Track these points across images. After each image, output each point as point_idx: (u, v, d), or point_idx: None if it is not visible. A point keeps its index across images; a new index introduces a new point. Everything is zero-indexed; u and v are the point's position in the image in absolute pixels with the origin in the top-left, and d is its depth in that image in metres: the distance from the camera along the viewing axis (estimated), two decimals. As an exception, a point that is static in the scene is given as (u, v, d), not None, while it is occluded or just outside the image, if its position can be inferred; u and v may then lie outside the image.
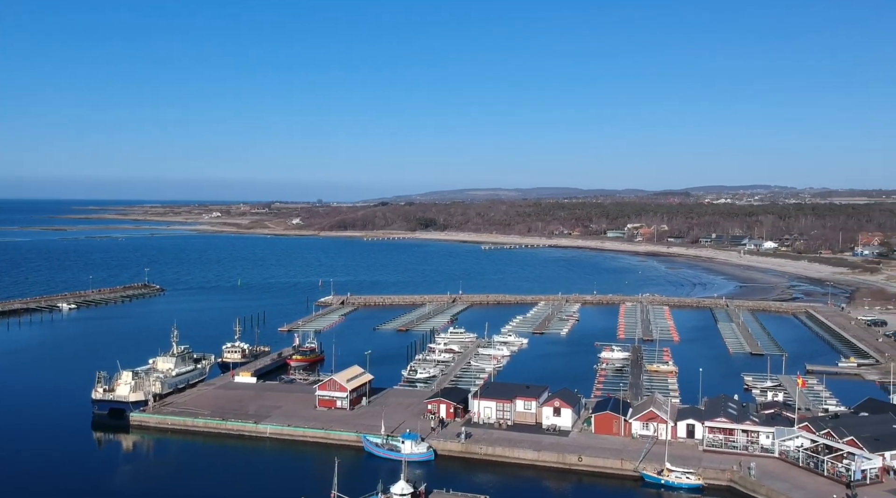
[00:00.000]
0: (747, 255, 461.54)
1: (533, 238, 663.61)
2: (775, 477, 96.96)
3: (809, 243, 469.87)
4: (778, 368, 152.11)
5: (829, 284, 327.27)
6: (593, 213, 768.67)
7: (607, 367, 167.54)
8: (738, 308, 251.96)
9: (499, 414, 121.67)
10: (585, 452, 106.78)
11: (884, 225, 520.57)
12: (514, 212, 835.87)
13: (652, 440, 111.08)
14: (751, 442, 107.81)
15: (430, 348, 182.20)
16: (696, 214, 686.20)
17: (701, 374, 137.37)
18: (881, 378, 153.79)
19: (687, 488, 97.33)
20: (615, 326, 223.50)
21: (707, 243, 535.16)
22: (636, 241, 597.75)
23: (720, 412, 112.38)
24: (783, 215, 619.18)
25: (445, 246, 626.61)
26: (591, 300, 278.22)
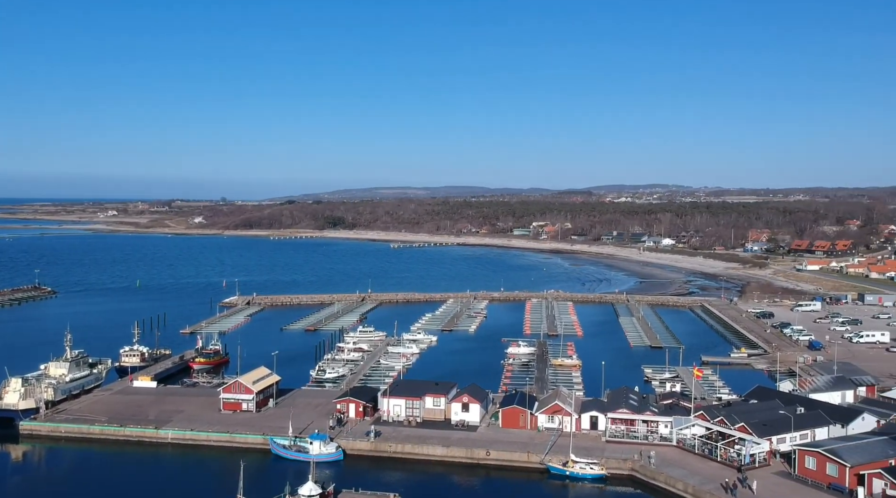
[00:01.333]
0: (647, 251, 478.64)
1: (442, 236, 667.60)
2: (673, 464, 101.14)
3: (704, 240, 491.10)
4: (676, 359, 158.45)
5: (723, 278, 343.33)
6: (500, 212, 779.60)
7: (514, 362, 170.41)
8: (638, 303, 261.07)
9: (408, 411, 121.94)
10: (493, 446, 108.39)
11: (771, 222, 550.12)
12: (423, 210, 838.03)
13: (557, 433, 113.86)
14: (650, 432, 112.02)
15: (339, 348, 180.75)
16: (598, 213, 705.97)
17: (603, 367, 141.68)
18: (769, 367, 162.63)
19: (590, 478, 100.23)
20: (521, 321, 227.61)
21: (609, 241, 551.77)
22: (541, 239, 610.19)
23: (622, 404, 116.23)
24: (680, 213, 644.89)
25: (354, 245, 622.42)
26: (498, 297, 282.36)
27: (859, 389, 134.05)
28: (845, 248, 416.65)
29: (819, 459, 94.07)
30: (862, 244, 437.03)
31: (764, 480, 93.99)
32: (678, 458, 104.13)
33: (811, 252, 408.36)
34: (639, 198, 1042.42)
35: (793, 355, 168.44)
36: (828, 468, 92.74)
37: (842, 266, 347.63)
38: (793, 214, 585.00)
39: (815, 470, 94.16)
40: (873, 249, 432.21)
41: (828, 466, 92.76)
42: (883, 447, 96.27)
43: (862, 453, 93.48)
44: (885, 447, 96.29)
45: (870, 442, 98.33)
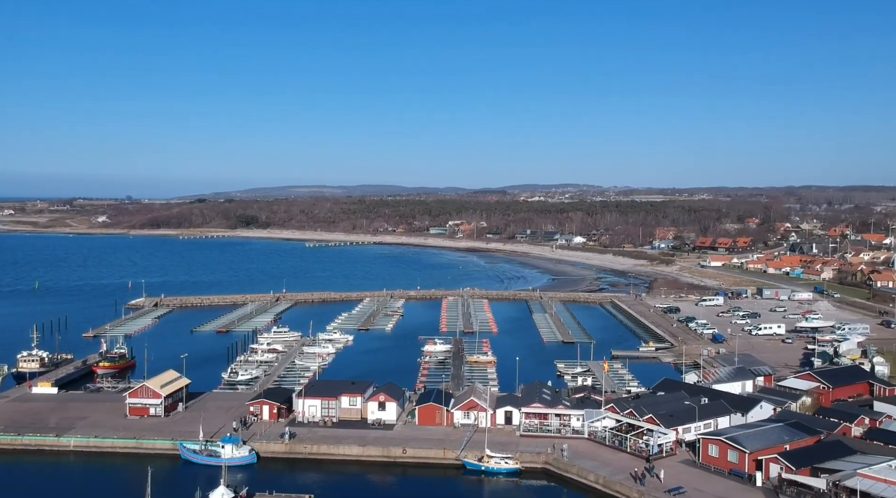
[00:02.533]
0: (559, 249, 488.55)
1: (358, 235, 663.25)
2: (585, 456, 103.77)
3: (614, 238, 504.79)
4: (587, 354, 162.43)
5: (631, 275, 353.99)
6: (417, 211, 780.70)
7: (430, 359, 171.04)
8: (551, 300, 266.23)
9: (324, 412, 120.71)
10: (410, 443, 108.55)
11: (677, 221, 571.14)
12: (339, 209, 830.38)
13: (473, 429, 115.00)
14: (563, 425, 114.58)
15: (253, 349, 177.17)
16: (512, 211, 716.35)
17: (518, 362, 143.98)
18: (675, 360, 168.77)
19: (505, 473, 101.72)
20: (438, 319, 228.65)
21: (523, 239, 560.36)
22: (457, 237, 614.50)
23: (535, 398, 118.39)
24: (591, 212, 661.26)
25: (268, 244, 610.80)
26: (415, 295, 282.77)
27: (758, 379, 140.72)
28: (745, 245, 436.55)
29: (721, 446, 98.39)
30: (760, 241, 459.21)
31: (670, 468, 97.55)
32: (590, 450, 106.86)
33: (714, 249, 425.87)
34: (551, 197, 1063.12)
35: (697, 348, 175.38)
36: (729, 455, 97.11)
37: (742, 262, 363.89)
38: (697, 213, 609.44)
39: (718, 457, 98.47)
40: (771, 245, 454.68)
41: (729, 453, 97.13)
42: (779, 433, 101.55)
43: (760, 440, 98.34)
44: (781, 433, 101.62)
45: (767, 429, 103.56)
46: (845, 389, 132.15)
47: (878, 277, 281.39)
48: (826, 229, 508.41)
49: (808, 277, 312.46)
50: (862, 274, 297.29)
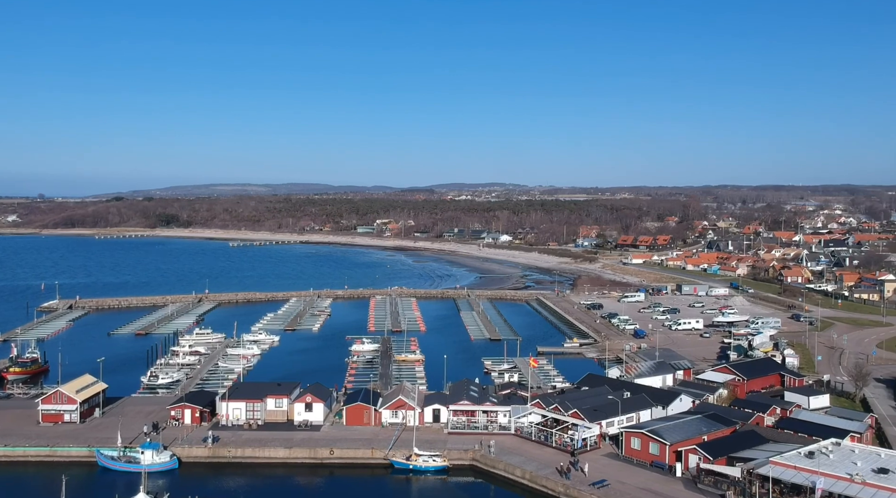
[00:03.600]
0: (486, 247, 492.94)
1: (284, 234, 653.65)
2: (511, 452, 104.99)
3: (539, 236, 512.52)
4: (514, 351, 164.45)
5: (556, 272, 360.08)
6: (344, 210, 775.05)
7: (358, 359, 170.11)
8: (478, 298, 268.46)
9: (249, 414, 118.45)
10: (337, 444, 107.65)
11: (600, 219, 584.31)
12: (264, 208, 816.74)
13: (401, 427, 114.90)
14: (490, 421, 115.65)
15: (174, 351, 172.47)
16: (439, 210, 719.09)
17: (446, 361, 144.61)
18: (598, 355, 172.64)
19: (433, 470, 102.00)
20: (366, 319, 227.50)
21: (450, 237, 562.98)
22: (385, 236, 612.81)
23: (463, 396, 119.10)
24: (517, 211, 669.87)
25: (190, 243, 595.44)
26: (342, 295, 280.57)
27: (677, 372, 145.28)
28: (665, 242, 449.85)
29: (643, 439, 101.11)
30: (679, 239, 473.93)
31: (595, 461, 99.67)
32: (516, 445, 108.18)
33: (635, 247, 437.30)
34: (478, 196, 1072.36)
35: (620, 343, 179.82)
36: (650, 447, 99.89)
37: (662, 259, 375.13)
38: (619, 212, 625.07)
39: (640, 450, 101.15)
40: (689, 243, 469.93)
41: (650, 446, 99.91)
42: (697, 425, 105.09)
43: (679, 432, 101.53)
44: (699, 425, 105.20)
45: (686, 421, 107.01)
46: (759, 380, 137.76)
47: (789, 272, 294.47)
48: (741, 227, 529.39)
49: (725, 273, 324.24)
50: (774, 270, 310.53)
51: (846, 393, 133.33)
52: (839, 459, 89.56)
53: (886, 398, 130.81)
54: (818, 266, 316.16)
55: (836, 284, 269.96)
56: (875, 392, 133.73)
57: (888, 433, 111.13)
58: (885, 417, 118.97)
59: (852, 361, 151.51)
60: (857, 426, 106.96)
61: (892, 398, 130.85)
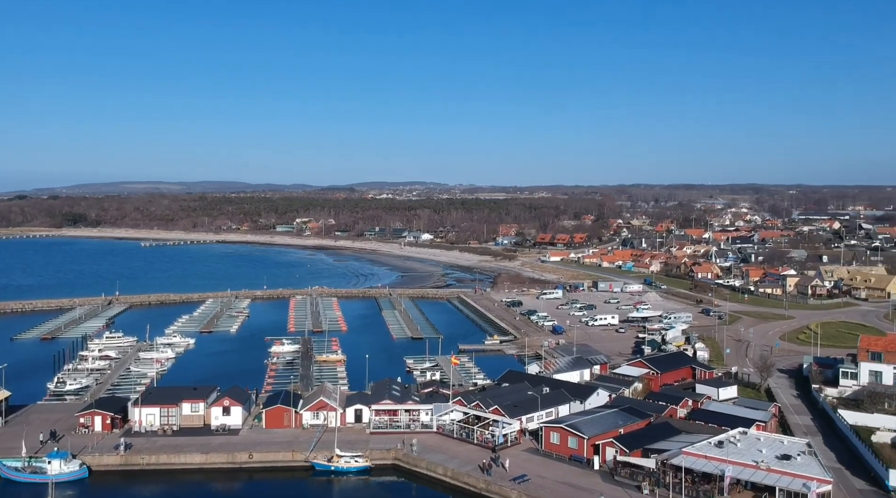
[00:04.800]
0: (407, 246, 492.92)
1: (199, 234, 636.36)
2: (434, 450, 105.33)
3: (460, 234, 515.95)
4: (435, 349, 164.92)
5: (477, 270, 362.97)
6: (262, 208, 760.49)
7: (278, 360, 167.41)
8: (399, 296, 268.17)
9: (163, 420, 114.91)
10: (256, 448, 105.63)
11: (519, 218, 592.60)
12: (178, 206, 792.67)
13: (322, 429, 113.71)
14: (413, 420, 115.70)
15: (83, 356, 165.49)
16: (360, 209, 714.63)
17: (367, 360, 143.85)
18: (518, 352, 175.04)
19: (355, 471, 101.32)
20: (285, 319, 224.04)
21: (371, 236, 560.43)
22: (305, 235, 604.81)
23: (385, 395, 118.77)
24: (438, 209, 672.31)
25: (99, 243, 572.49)
26: (261, 295, 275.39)
27: (594, 367, 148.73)
28: (582, 240, 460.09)
29: (562, 433, 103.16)
30: (595, 237, 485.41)
31: (515, 457, 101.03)
32: (439, 443, 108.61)
33: (553, 245, 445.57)
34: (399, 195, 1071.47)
35: (539, 340, 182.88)
36: (569, 441, 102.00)
37: (579, 257, 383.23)
38: (537, 210, 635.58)
39: (559, 444, 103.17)
40: (605, 241, 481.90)
41: (569, 440, 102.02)
42: (614, 419, 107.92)
43: (597, 426, 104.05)
44: (616, 418, 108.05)
45: (603, 415, 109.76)
46: (672, 373, 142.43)
47: (699, 268, 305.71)
48: (654, 225, 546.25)
49: (639, 270, 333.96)
50: (685, 266, 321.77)
51: (752, 384, 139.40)
52: (746, 448, 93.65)
53: (788, 388, 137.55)
54: (726, 262, 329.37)
55: (743, 279, 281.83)
56: (778, 382, 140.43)
57: (790, 421, 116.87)
58: (787, 406, 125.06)
59: (758, 353, 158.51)
60: (763, 415, 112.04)
61: (794, 388, 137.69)
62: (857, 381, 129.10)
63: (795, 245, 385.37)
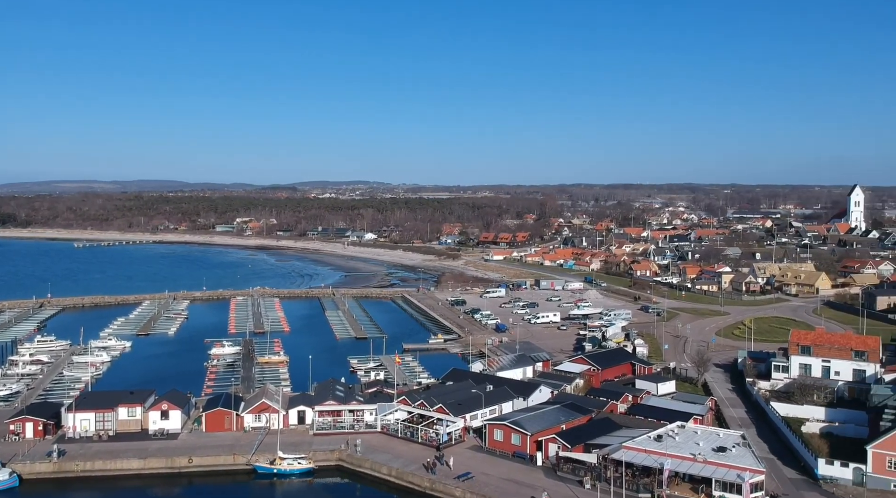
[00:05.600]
0: (351, 246, 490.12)
1: (135, 234, 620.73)
2: (378, 450, 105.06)
3: (404, 234, 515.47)
4: (379, 349, 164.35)
5: (421, 270, 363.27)
6: (201, 208, 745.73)
7: (218, 362, 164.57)
8: (343, 296, 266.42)
9: (99, 425, 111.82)
10: (196, 452, 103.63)
11: (462, 217, 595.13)
12: (113, 206, 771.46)
13: (265, 431, 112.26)
14: (357, 421, 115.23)
15: (12, 361, 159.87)
16: (303, 208, 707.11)
17: (311, 361, 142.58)
18: (462, 350, 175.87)
19: (298, 473, 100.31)
20: (226, 320, 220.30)
21: (314, 236, 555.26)
22: (246, 235, 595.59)
23: (328, 396, 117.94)
24: (381, 209, 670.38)
25: (29, 244, 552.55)
26: (200, 296, 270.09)
27: (537, 364, 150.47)
28: (524, 239, 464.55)
29: (505, 430, 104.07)
30: (537, 236, 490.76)
31: (459, 455, 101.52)
32: (383, 443, 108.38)
33: (496, 244, 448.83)
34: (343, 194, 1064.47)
35: (482, 338, 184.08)
36: (512, 438, 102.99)
37: (521, 256, 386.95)
38: (480, 209, 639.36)
39: (502, 441, 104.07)
40: (546, 239, 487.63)
41: (512, 437, 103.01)
42: (556, 415, 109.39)
43: (539, 422, 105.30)
44: (558, 415, 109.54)
45: (546, 411, 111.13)
46: (612, 369, 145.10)
47: (638, 266, 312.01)
48: (594, 224, 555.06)
49: (580, 268, 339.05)
50: (624, 264, 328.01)
51: (690, 379, 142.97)
52: (684, 441, 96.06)
53: (724, 382, 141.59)
54: (664, 260, 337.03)
55: (680, 276, 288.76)
56: (714, 377, 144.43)
57: (726, 414, 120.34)
58: (723, 400, 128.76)
59: (695, 349, 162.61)
60: (700, 409, 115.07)
61: (729, 382, 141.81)
62: (788, 374, 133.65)
63: (730, 243, 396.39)
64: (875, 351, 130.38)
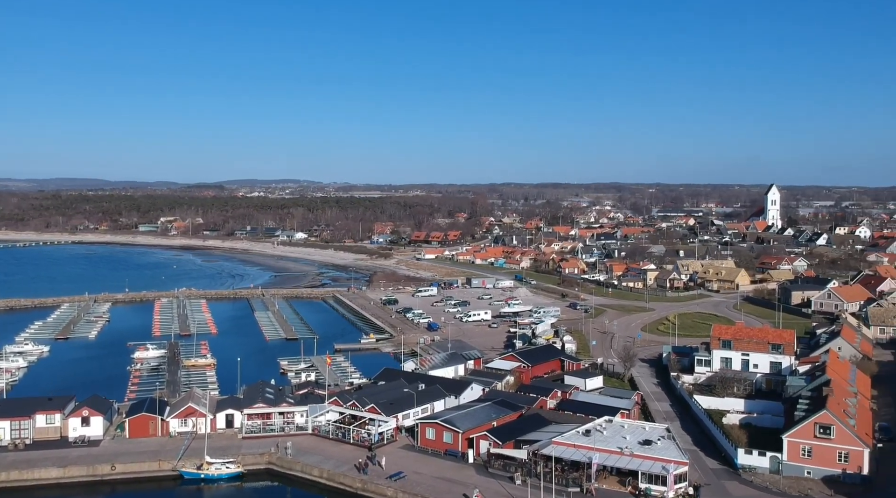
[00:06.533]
0: (281, 245, 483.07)
1: (53, 234, 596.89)
2: (309, 452, 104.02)
3: (335, 233, 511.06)
4: (310, 350, 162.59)
5: (352, 269, 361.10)
6: (123, 207, 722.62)
7: (142, 366, 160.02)
8: (273, 297, 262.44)
9: (14, 434, 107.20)
10: (119, 459, 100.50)
11: (394, 216, 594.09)
12: (29, 205, 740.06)
13: (191, 436, 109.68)
14: (287, 423, 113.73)
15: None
16: (230, 207, 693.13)
17: (239, 363, 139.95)
18: (394, 349, 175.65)
19: (227, 478, 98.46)
20: (150, 323, 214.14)
21: (243, 235, 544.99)
22: (171, 235, 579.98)
23: (258, 398, 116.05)
24: (312, 208, 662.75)
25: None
26: (122, 298, 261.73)
27: (469, 362, 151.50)
28: (455, 238, 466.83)
29: (437, 429, 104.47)
30: (469, 234, 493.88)
31: (391, 455, 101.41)
32: (314, 445, 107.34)
33: (428, 242, 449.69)
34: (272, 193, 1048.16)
35: (415, 337, 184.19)
36: (444, 436, 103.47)
37: (453, 254, 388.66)
38: (412, 208, 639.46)
39: (434, 439, 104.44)
40: (478, 238, 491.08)
41: (444, 435, 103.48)
42: (487, 412, 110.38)
43: (471, 420, 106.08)
44: (489, 412, 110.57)
45: (477, 409, 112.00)
46: (542, 366, 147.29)
47: (566, 264, 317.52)
48: (524, 223, 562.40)
49: (510, 266, 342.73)
50: (553, 262, 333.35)
51: (617, 374, 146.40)
52: (611, 435, 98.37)
53: (649, 376, 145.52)
54: (591, 258, 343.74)
55: (607, 274, 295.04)
56: (640, 371, 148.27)
57: (651, 408, 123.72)
58: (648, 394, 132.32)
59: (621, 345, 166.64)
60: (626, 404, 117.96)
61: (655, 376, 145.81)
62: (710, 367, 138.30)
63: (655, 241, 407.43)
64: (790, 344, 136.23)
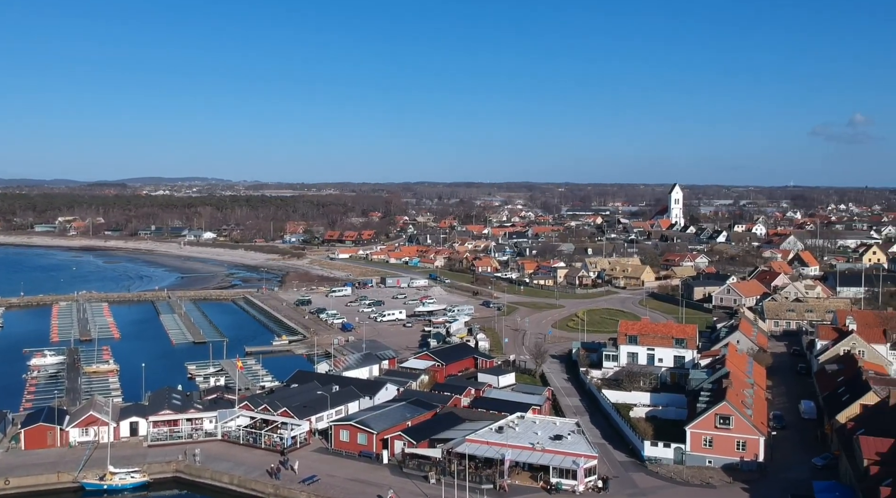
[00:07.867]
0: (188, 245, 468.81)
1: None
2: (219, 458, 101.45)
3: (245, 233, 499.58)
4: (220, 353, 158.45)
5: (264, 269, 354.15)
6: (17, 206, 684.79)
7: (39, 374, 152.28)
8: (180, 299, 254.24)
9: None
10: (14, 472, 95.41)
11: (307, 215, 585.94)
12: None
13: (93, 445, 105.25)
14: (195, 429, 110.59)
15: None
16: (134, 206, 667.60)
17: (144, 369, 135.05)
18: (308, 351, 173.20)
19: (132, 488, 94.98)
20: (47, 328, 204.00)
21: (147, 235, 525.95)
22: (70, 235, 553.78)
23: (164, 405, 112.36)
24: (221, 206, 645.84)
25: None
26: (17, 303, 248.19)
27: (383, 362, 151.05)
28: (370, 237, 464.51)
29: (351, 430, 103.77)
30: (383, 233, 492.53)
31: (305, 458, 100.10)
32: (224, 451, 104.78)
33: (342, 242, 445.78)
34: (177, 191, 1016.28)
35: (329, 338, 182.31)
36: (358, 438, 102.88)
37: (367, 254, 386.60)
38: (326, 207, 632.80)
39: (349, 441, 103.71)
40: (392, 237, 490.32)
41: (358, 436, 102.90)
42: (402, 412, 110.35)
43: (385, 420, 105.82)
44: (404, 412, 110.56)
45: (391, 409, 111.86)
46: (456, 364, 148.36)
47: (479, 263, 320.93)
48: (438, 221, 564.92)
49: (424, 265, 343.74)
50: (467, 261, 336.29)
51: (528, 370, 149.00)
52: (523, 431, 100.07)
53: (560, 372, 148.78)
54: (504, 256, 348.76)
55: (519, 272, 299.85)
56: (551, 367, 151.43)
57: (562, 403, 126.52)
58: (559, 389, 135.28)
59: (533, 341, 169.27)
60: (538, 400, 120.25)
61: (565, 372, 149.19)
62: (618, 362, 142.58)
63: (564, 239, 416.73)
64: (693, 338, 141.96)
